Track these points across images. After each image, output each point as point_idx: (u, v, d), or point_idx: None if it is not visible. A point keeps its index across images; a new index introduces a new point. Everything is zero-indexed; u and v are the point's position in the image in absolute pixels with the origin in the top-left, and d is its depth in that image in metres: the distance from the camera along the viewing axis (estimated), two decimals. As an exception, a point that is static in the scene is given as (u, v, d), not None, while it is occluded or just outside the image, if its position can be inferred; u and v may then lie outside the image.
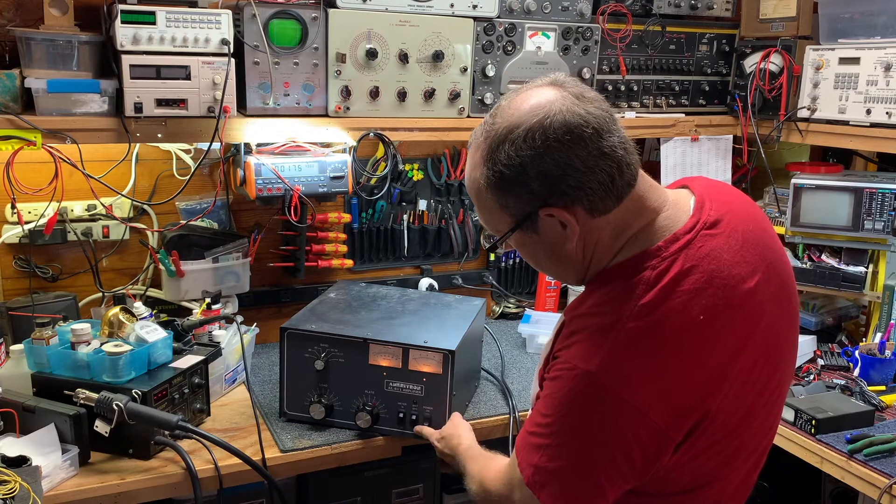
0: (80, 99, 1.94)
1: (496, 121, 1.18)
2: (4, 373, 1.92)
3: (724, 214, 1.21)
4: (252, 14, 2.04)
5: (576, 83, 1.19)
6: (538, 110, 1.14)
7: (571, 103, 1.14)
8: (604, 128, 1.14)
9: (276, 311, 2.60)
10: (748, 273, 1.18)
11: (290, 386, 2.00)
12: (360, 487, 2.11)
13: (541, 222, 1.19)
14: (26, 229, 2.19)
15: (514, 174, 1.15)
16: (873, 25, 2.33)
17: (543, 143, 1.12)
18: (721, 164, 2.73)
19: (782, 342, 1.25)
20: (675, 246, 1.16)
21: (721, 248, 1.17)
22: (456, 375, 1.92)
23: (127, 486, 1.74)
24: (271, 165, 2.21)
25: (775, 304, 1.22)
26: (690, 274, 1.14)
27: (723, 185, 1.35)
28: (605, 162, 1.14)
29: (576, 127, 1.12)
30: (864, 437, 1.93)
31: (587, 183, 1.14)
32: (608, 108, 1.18)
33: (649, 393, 1.10)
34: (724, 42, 2.74)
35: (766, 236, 1.26)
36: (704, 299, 1.13)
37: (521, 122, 1.14)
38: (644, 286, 1.13)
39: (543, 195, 1.16)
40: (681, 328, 1.11)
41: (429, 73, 2.28)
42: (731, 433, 1.19)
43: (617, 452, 1.13)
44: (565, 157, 1.12)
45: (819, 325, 2.61)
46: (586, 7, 2.45)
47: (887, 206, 2.31)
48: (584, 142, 1.12)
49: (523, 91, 1.19)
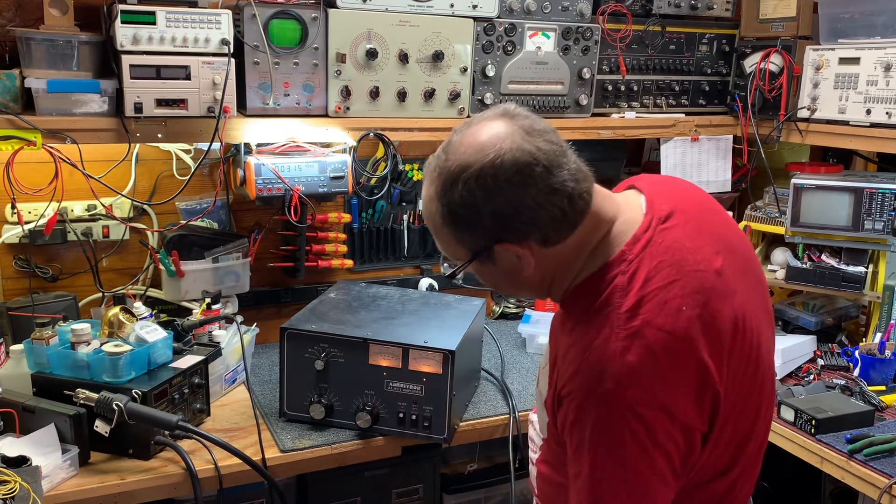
0: (80, 99, 1.94)
1: (449, 157, 1.18)
2: (4, 373, 1.92)
3: (674, 206, 1.24)
4: (252, 14, 2.04)
5: (527, 115, 1.20)
6: (488, 149, 1.14)
7: (521, 139, 1.15)
8: (554, 163, 1.16)
9: (276, 311, 2.60)
10: (712, 254, 1.21)
11: (290, 386, 2.00)
12: (360, 487, 2.11)
13: (496, 255, 1.21)
14: (26, 229, 2.19)
15: (467, 213, 1.17)
16: (873, 25, 2.33)
17: (494, 184, 1.14)
18: (721, 164, 2.73)
19: (760, 316, 1.27)
20: (637, 247, 1.19)
21: (680, 238, 1.20)
22: (456, 375, 1.92)
23: (127, 486, 1.74)
24: (271, 165, 2.21)
25: (742, 279, 1.25)
26: (659, 270, 1.16)
27: (668, 178, 1.39)
28: (556, 198, 1.16)
29: (525, 166, 1.14)
30: (864, 437, 1.93)
31: (539, 219, 1.16)
32: (558, 140, 1.19)
33: (663, 392, 1.11)
34: (724, 42, 2.74)
35: (719, 218, 1.31)
36: (680, 289, 1.15)
37: (472, 162, 1.15)
38: (620, 293, 1.16)
39: (497, 232, 1.18)
40: (667, 323, 1.13)
41: (429, 73, 2.28)
42: (741, 412, 1.21)
43: (661, 463, 1.13)
44: (516, 197, 1.14)
45: (819, 325, 2.61)
46: (586, 7, 2.45)
47: (887, 206, 2.31)
48: (534, 180, 1.14)
49: (475, 124, 1.20)
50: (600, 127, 2.54)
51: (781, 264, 2.56)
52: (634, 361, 1.10)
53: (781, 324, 2.69)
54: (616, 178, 3.03)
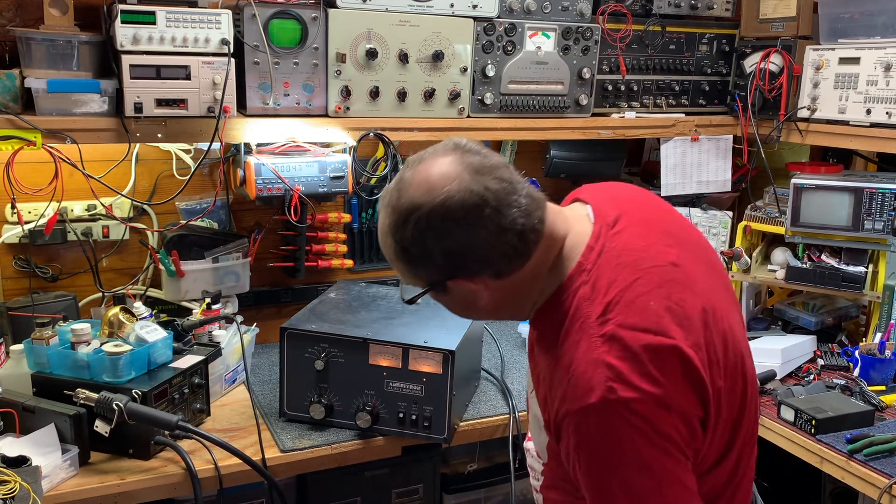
0: (80, 99, 1.94)
1: (401, 196, 1.20)
2: (4, 373, 1.92)
3: (620, 210, 1.28)
4: (252, 14, 2.04)
5: (478, 150, 1.22)
6: (437, 190, 1.16)
7: (470, 180, 1.16)
8: (503, 202, 1.17)
9: (276, 311, 2.60)
10: (664, 249, 1.23)
11: (290, 386, 2.00)
12: (360, 487, 2.11)
13: (450, 288, 1.24)
14: (26, 229, 2.19)
15: (419, 251, 1.19)
16: (873, 25, 2.33)
17: (443, 225, 1.16)
18: (721, 164, 2.73)
19: (724, 298, 1.29)
20: (593, 255, 1.21)
21: (632, 239, 1.23)
22: (456, 375, 1.92)
23: (127, 486, 1.74)
24: (271, 165, 2.21)
25: (698, 267, 1.27)
26: (619, 272, 1.19)
27: (609, 185, 1.42)
28: (507, 236, 1.17)
29: (474, 207, 1.15)
30: (864, 437, 1.93)
31: (490, 257, 1.18)
32: (509, 177, 1.20)
33: (653, 387, 1.12)
34: (724, 42, 2.74)
35: (664, 215, 1.35)
36: (643, 287, 1.17)
37: (421, 203, 1.16)
38: (587, 302, 1.18)
39: (449, 270, 1.21)
40: (638, 321, 1.14)
41: (429, 73, 2.28)
42: (730, 393, 1.22)
43: (675, 453, 1.14)
44: (466, 238, 1.16)
45: (819, 325, 2.61)
46: (586, 7, 2.45)
47: (887, 206, 2.31)
48: (483, 221, 1.16)
49: (426, 160, 1.21)
50: (600, 127, 2.54)
51: (781, 264, 2.56)
52: (617, 364, 1.12)
53: (781, 324, 2.70)
54: (616, 178, 3.04)
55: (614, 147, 2.76)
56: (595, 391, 1.11)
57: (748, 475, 1.37)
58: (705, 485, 1.25)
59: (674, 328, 1.15)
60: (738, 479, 1.32)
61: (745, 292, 2.67)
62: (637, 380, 1.11)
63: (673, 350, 1.13)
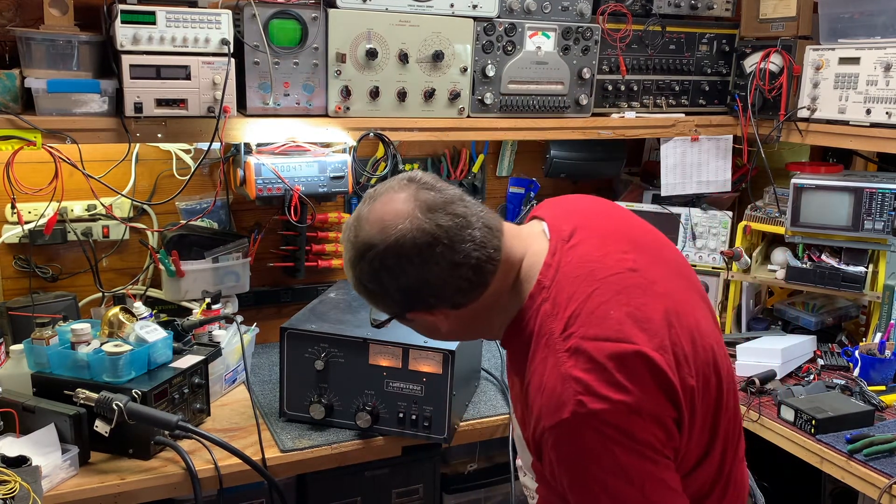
0: (80, 99, 1.94)
1: (358, 233, 1.23)
2: (4, 373, 1.92)
3: (575, 223, 1.30)
4: (252, 14, 2.04)
5: (432, 185, 1.24)
6: (390, 229, 1.19)
7: (422, 218, 1.19)
8: (456, 238, 1.20)
9: (276, 311, 2.60)
10: (621, 256, 1.25)
11: (290, 386, 2.00)
12: (360, 487, 2.11)
13: (410, 319, 1.30)
14: (26, 229, 2.19)
15: (376, 288, 1.24)
16: (873, 25, 2.33)
17: (397, 264, 1.19)
18: (721, 164, 2.73)
19: (689, 296, 1.30)
20: (551, 272, 1.23)
21: (587, 251, 1.25)
22: (456, 375, 1.92)
23: (127, 486, 1.74)
24: (271, 165, 2.21)
25: (659, 268, 1.28)
26: (577, 286, 1.20)
27: (565, 199, 1.45)
28: (461, 270, 1.20)
29: (426, 246, 1.18)
30: (864, 437, 1.93)
31: (445, 291, 1.22)
32: (463, 211, 1.22)
33: (622, 395, 1.12)
34: (724, 42, 2.74)
35: (621, 222, 1.37)
36: (601, 297, 1.19)
37: (375, 242, 1.20)
38: (550, 319, 1.19)
39: (406, 304, 1.26)
40: (599, 331, 1.16)
41: (429, 73, 2.28)
42: (705, 388, 1.23)
43: (653, 456, 1.15)
44: (420, 275, 1.20)
45: (819, 325, 2.61)
46: (586, 7, 2.45)
47: (887, 206, 2.31)
48: (435, 259, 1.19)
49: (380, 197, 1.24)
50: (600, 127, 2.54)
51: (781, 264, 2.56)
52: (584, 377, 1.13)
53: (781, 324, 2.70)
54: (616, 178, 3.04)
55: (614, 147, 2.76)
56: (566, 406, 1.13)
57: (739, 468, 1.37)
58: (693, 482, 1.26)
59: (636, 333, 1.16)
60: (727, 473, 1.32)
61: (745, 292, 2.67)
62: (605, 390, 1.12)
63: (637, 355, 1.14)
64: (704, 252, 2.72)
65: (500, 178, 2.88)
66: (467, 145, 2.74)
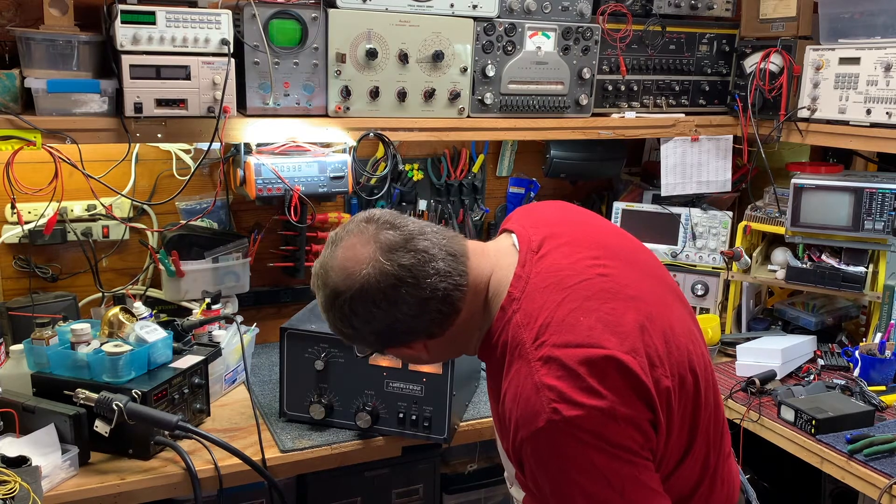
0: (80, 99, 1.94)
1: (326, 281, 1.26)
2: (4, 373, 1.92)
3: (545, 233, 1.31)
4: (252, 14, 2.04)
5: (391, 222, 1.26)
6: (354, 276, 1.21)
7: (383, 262, 1.21)
8: (420, 274, 1.21)
9: (276, 311, 2.60)
10: (590, 262, 1.26)
11: (290, 386, 2.00)
12: (360, 487, 2.11)
13: (390, 352, 1.34)
14: (26, 229, 2.19)
15: (350, 331, 1.27)
16: (873, 25, 2.33)
17: (365, 310, 1.22)
18: (721, 164, 2.73)
19: (662, 296, 1.31)
20: (521, 284, 1.24)
21: (556, 259, 1.26)
22: (456, 375, 1.92)
23: (127, 486, 1.74)
24: (271, 165, 2.21)
25: (631, 271, 1.29)
26: (546, 295, 1.21)
27: (536, 207, 1.46)
28: (430, 304, 1.23)
29: (391, 288, 1.20)
30: (864, 437, 1.93)
31: (418, 326, 1.25)
32: (424, 245, 1.23)
33: (595, 401, 1.13)
34: (724, 42, 2.74)
35: (592, 228, 1.38)
36: (570, 304, 1.19)
37: (342, 290, 1.22)
38: (521, 329, 1.20)
39: (382, 343, 1.30)
40: (570, 338, 1.16)
41: (429, 73, 2.28)
42: (681, 386, 1.23)
43: (629, 458, 1.15)
44: (389, 317, 1.22)
45: (819, 325, 2.61)
46: (586, 7, 2.45)
47: (887, 206, 2.31)
48: (402, 298, 1.21)
49: (343, 242, 1.26)
50: (600, 127, 2.54)
51: (781, 264, 2.56)
52: (557, 385, 1.13)
53: (781, 324, 2.70)
54: (616, 178, 3.04)
55: (614, 147, 2.76)
56: (541, 415, 1.13)
57: (726, 464, 1.37)
58: (678, 480, 1.26)
59: (607, 337, 1.16)
60: (712, 469, 1.32)
61: (745, 292, 2.67)
62: (579, 396, 1.12)
63: (608, 359, 1.14)
64: (704, 252, 2.72)
65: (500, 178, 2.88)
66: (467, 145, 2.74)
